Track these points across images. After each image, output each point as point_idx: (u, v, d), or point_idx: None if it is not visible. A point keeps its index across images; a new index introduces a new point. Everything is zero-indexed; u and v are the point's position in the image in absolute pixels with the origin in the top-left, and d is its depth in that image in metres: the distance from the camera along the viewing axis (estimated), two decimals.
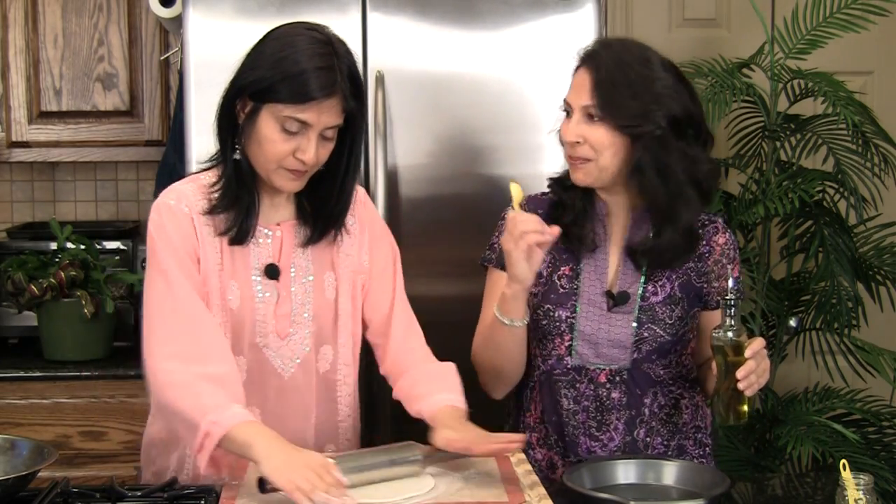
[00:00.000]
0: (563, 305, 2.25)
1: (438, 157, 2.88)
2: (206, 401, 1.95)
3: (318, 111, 2.01)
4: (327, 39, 2.05)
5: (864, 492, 1.82)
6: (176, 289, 2.05)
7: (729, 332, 2.07)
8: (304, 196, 2.16)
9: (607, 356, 2.24)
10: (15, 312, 3.28)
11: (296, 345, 2.16)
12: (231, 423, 1.92)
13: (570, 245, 2.25)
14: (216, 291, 2.10)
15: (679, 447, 2.30)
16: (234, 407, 1.95)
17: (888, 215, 3.39)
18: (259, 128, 2.04)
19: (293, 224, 2.17)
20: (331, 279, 2.19)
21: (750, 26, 3.52)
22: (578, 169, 2.19)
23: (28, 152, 3.42)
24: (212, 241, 2.10)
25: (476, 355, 2.31)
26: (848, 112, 3.09)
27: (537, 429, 2.31)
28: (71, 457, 3.03)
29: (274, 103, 2.01)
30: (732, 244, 2.31)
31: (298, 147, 2.03)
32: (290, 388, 2.17)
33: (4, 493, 1.88)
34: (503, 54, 2.86)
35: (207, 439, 1.92)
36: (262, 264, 2.13)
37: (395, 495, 1.89)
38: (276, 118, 2.02)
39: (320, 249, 2.19)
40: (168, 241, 2.08)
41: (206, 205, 2.10)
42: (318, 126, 2.03)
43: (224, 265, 2.11)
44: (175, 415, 2.01)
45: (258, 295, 2.13)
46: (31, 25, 3.37)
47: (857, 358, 3.30)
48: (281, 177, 2.07)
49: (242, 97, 2.06)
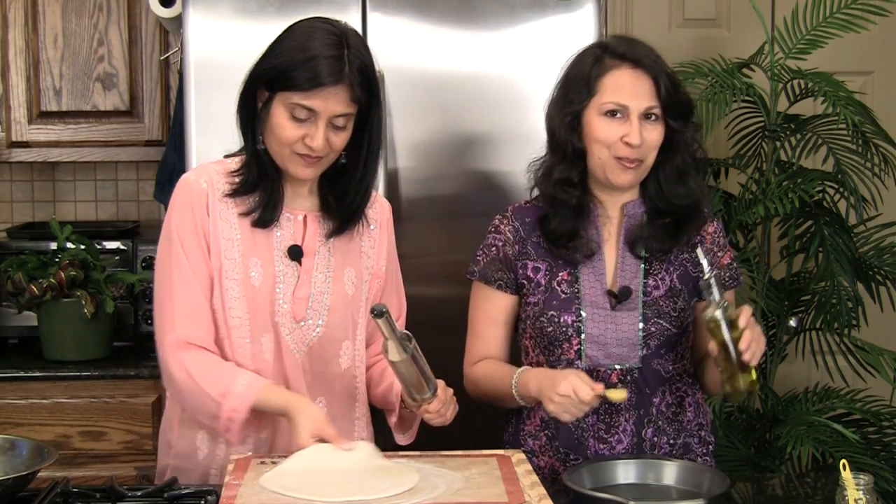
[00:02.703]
0: (568, 310, 2.25)
1: (438, 157, 2.88)
2: (213, 389, 2.08)
3: (324, 98, 2.06)
4: (341, 32, 2.11)
5: (864, 492, 1.82)
6: (175, 267, 2.13)
7: (717, 309, 2.07)
8: (328, 190, 2.20)
9: (617, 355, 2.24)
10: (15, 312, 3.28)
11: (308, 330, 2.18)
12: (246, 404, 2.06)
13: (567, 256, 2.26)
14: (234, 266, 2.14)
15: (684, 445, 2.30)
16: (238, 383, 2.08)
17: (888, 215, 3.39)
18: (272, 117, 2.10)
19: (317, 215, 2.21)
20: (350, 275, 2.22)
21: (750, 26, 3.52)
22: (630, 171, 2.20)
23: (28, 152, 3.42)
24: (229, 217, 2.15)
25: (470, 387, 2.34)
26: (848, 112, 3.09)
27: (538, 436, 2.30)
28: (71, 457, 3.03)
29: (284, 91, 2.07)
30: (721, 232, 2.35)
31: (307, 134, 2.08)
32: (302, 373, 2.19)
33: (4, 493, 1.88)
34: (503, 54, 2.86)
35: (232, 423, 2.07)
36: (284, 245, 2.17)
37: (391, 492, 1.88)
38: (286, 106, 2.07)
39: (343, 244, 2.22)
40: (179, 217, 2.15)
41: (227, 188, 2.16)
42: (325, 113, 2.07)
43: (244, 241, 2.15)
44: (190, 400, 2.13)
45: (279, 275, 2.16)
46: (31, 25, 3.37)
47: (857, 358, 3.30)
48: (294, 163, 2.11)
49: (260, 87, 2.12)
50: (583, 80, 2.20)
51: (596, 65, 2.20)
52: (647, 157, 2.20)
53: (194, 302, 2.12)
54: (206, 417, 2.11)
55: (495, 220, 2.34)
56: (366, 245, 2.26)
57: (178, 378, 2.11)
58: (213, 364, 2.11)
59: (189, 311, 2.12)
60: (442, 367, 2.31)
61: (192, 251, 2.13)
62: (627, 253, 2.27)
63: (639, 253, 2.26)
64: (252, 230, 2.16)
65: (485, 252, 2.33)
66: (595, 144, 2.20)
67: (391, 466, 2.01)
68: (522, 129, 2.86)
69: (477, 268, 2.33)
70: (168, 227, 2.16)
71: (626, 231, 2.27)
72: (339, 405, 2.23)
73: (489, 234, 2.34)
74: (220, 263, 2.14)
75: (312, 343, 2.18)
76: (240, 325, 2.15)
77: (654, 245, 2.26)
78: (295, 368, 2.18)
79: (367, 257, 2.26)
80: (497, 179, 2.87)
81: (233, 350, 2.14)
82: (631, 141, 2.16)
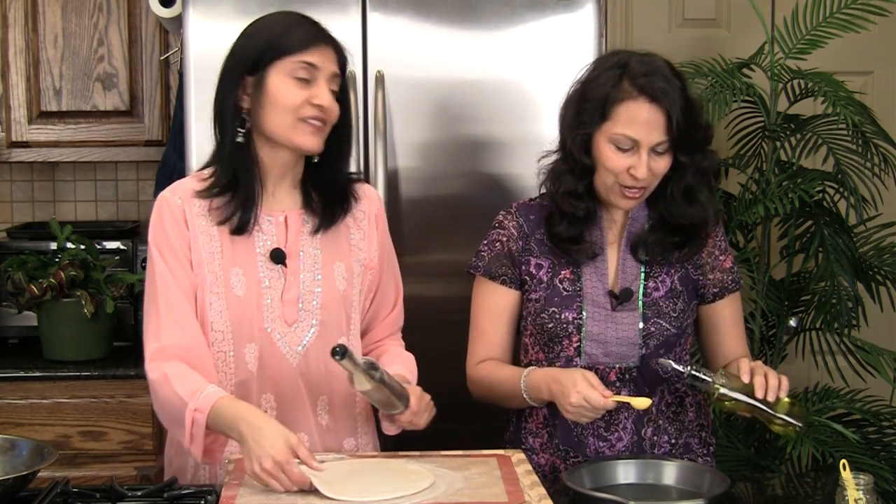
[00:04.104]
0: (569, 308, 2.25)
1: (438, 157, 2.88)
2: (184, 390, 2.01)
3: (321, 54, 2.09)
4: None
5: (864, 492, 1.82)
6: (158, 281, 2.11)
7: (720, 388, 2.11)
8: (310, 186, 2.19)
9: (616, 354, 2.25)
10: (15, 312, 3.28)
11: (302, 332, 2.16)
12: (209, 403, 1.98)
13: (570, 256, 2.26)
14: (217, 279, 2.12)
15: (685, 445, 2.31)
16: (209, 387, 2.01)
17: (888, 215, 3.39)
18: (270, 88, 2.09)
19: (299, 213, 2.18)
20: (341, 270, 2.20)
21: (750, 26, 3.52)
22: (631, 199, 2.20)
23: (28, 152, 3.42)
24: (207, 230, 2.12)
25: (474, 388, 2.35)
26: (848, 112, 3.09)
27: (539, 434, 2.31)
28: (71, 457, 3.03)
29: (279, 59, 2.08)
30: (722, 235, 2.35)
31: (311, 94, 2.08)
32: (300, 376, 2.17)
33: (4, 493, 1.88)
34: (503, 55, 2.86)
35: (196, 427, 1.99)
36: (266, 250, 2.15)
37: (393, 493, 1.89)
38: (285, 71, 2.08)
39: (330, 239, 2.20)
40: (157, 232, 2.13)
41: (201, 188, 2.13)
42: (325, 70, 2.09)
43: (224, 253, 2.13)
44: (163, 411, 2.08)
45: (264, 281, 2.14)
46: (31, 25, 3.37)
47: (857, 358, 3.30)
48: (301, 132, 2.10)
49: (242, 82, 2.10)
50: (598, 103, 2.17)
51: (614, 89, 2.16)
52: (651, 184, 2.20)
53: (179, 310, 2.09)
54: (176, 424, 2.04)
55: (499, 215, 2.34)
56: (356, 237, 2.23)
57: (154, 380, 2.06)
58: (191, 373, 2.05)
59: (175, 319, 2.09)
60: (442, 367, 2.31)
61: (172, 263, 2.10)
62: (629, 255, 2.27)
63: (640, 257, 2.27)
64: (232, 239, 2.13)
65: (489, 247, 2.32)
66: (602, 169, 2.20)
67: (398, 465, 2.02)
68: (522, 129, 2.86)
69: (481, 263, 2.33)
70: (149, 244, 2.13)
71: (628, 234, 2.28)
72: (340, 402, 2.22)
73: (493, 230, 2.33)
74: (204, 276, 2.11)
75: (309, 345, 2.17)
76: (222, 339, 2.13)
77: (655, 251, 2.27)
78: (288, 374, 2.15)
79: (357, 249, 2.23)
80: (497, 179, 2.87)
81: (215, 363, 2.12)
82: (637, 174, 2.15)
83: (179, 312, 2.09)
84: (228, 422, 1.97)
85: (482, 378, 2.31)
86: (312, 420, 2.19)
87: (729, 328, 2.34)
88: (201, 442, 2.00)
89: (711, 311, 2.33)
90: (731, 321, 2.34)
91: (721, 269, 2.31)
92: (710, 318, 2.34)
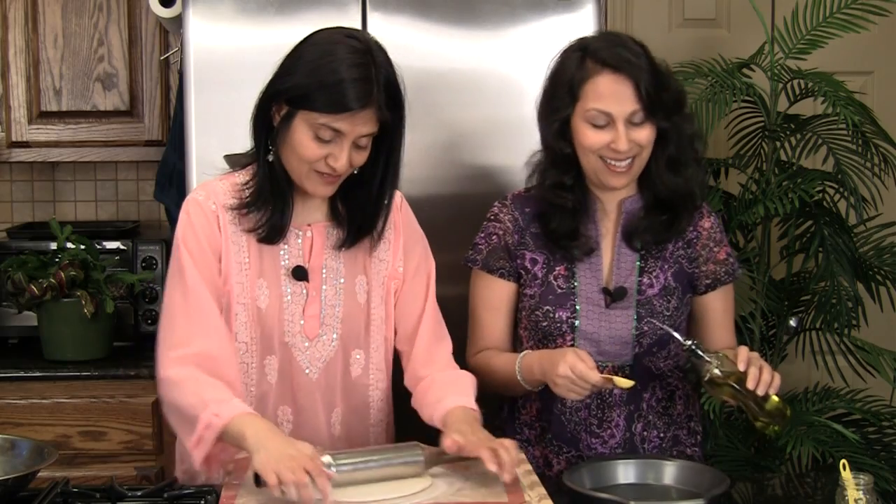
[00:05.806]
0: (563, 306, 2.25)
1: (438, 156, 2.88)
2: (208, 395, 1.96)
3: (352, 121, 2.00)
4: (366, 48, 2.03)
5: (864, 492, 1.82)
6: (189, 284, 2.06)
7: (715, 369, 2.10)
8: (339, 198, 2.15)
9: (609, 353, 2.25)
10: (15, 312, 3.27)
11: (323, 346, 2.15)
12: (231, 413, 1.92)
13: (566, 252, 2.26)
14: (243, 290, 2.10)
15: (674, 437, 2.33)
16: (235, 400, 1.97)
17: (888, 215, 3.39)
18: (293, 133, 2.03)
19: (324, 225, 2.16)
20: (362, 283, 2.19)
21: (750, 26, 3.52)
22: (623, 174, 2.20)
23: (28, 152, 3.42)
24: (238, 240, 2.10)
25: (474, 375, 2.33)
26: (848, 112, 3.09)
27: (533, 426, 2.32)
28: (71, 457, 3.03)
29: (308, 111, 2.00)
30: (718, 227, 2.35)
31: (331, 154, 2.02)
32: (318, 389, 2.17)
33: (4, 493, 1.88)
34: (503, 54, 2.86)
35: (208, 430, 1.93)
36: (290, 265, 2.13)
37: (392, 493, 1.89)
38: (310, 125, 2.01)
39: (353, 253, 2.18)
40: (188, 234, 2.08)
41: (235, 202, 2.10)
42: (351, 135, 2.02)
43: (251, 264, 2.11)
44: (176, 410, 2.02)
45: (286, 296, 2.12)
46: (31, 25, 3.37)
47: (857, 358, 3.30)
48: (312, 181, 2.06)
49: (278, 101, 2.05)
50: (566, 86, 2.20)
51: (578, 69, 2.19)
52: (640, 154, 2.20)
53: (211, 318, 2.05)
54: (185, 423, 2.00)
55: (494, 207, 2.34)
56: (380, 251, 2.21)
57: (172, 377, 2.01)
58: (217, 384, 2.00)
59: (206, 327, 2.05)
60: None
61: (203, 268, 2.07)
62: (624, 248, 2.28)
63: (635, 246, 2.27)
64: (259, 249, 2.11)
65: (486, 240, 2.32)
66: (584, 150, 2.20)
67: None
68: (523, 129, 2.85)
69: (479, 256, 2.32)
70: (178, 245, 2.08)
71: (623, 225, 2.27)
72: (354, 414, 2.21)
73: (489, 223, 2.33)
74: (231, 287, 2.10)
75: (329, 359, 2.16)
76: (245, 351, 2.12)
77: (648, 238, 2.26)
78: (306, 387, 2.15)
79: (378, 261, 2.21)
80: (497, 179, 2.87)
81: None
82: (618, 147, 2.16)
83: (211, 321, 2.06)
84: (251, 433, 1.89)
85: (480, 367, 2.30)
86: (326, 432, 2.19)
87: (719, 320, 2.34)
88: (208, 447, 1.95)
89: (703, 303, 2.33)
90: (722, 313, 2.34)
91: (714, 261, 2.31)
92: (701, 309, 2.34)
